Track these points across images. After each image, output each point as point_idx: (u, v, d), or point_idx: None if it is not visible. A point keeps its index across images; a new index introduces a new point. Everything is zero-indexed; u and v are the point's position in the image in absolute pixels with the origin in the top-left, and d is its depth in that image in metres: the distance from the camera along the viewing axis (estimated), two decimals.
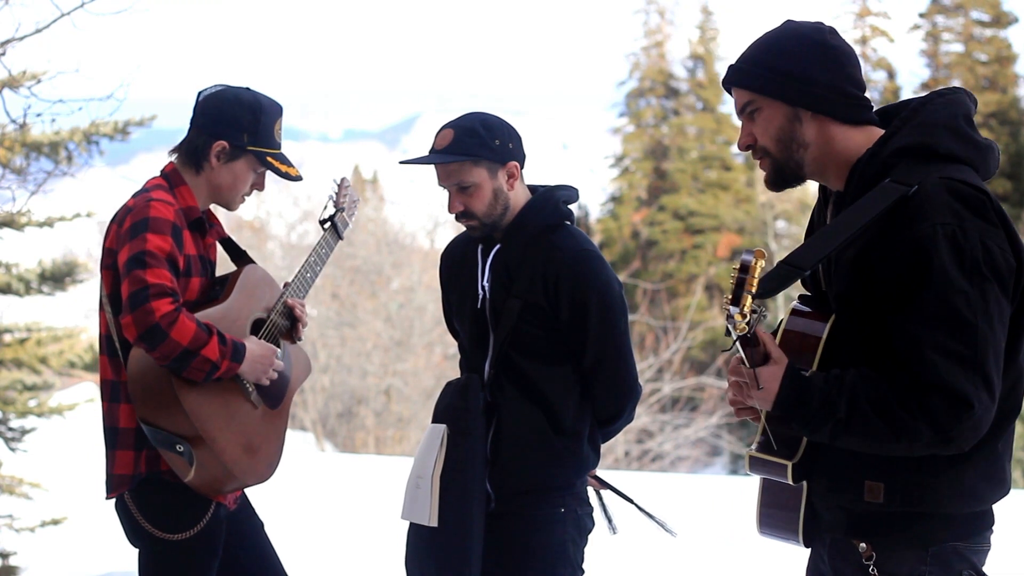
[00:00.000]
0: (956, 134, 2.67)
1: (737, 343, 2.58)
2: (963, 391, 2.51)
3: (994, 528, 2.76)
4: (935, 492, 2.64)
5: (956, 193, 2.57)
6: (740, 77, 2.77)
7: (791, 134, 2.73)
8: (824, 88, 2.71)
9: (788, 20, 2.81)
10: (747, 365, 2.62)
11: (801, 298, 2.88)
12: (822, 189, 2.88)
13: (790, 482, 2.72)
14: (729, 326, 2.53)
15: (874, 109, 2.80)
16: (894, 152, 2.66)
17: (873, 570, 2.69)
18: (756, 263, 2.49)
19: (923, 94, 2.78)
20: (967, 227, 2.54)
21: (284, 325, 3.69)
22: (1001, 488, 2.70)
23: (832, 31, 2.77)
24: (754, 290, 2.49)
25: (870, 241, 2.62)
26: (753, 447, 2.75)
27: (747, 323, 2.51)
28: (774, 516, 2.82)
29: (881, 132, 2.73)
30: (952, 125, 2.68)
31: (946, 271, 2.52)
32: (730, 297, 2.49)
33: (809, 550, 2.91)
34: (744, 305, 2.48)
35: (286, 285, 3.71)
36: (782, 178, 2.78)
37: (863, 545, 2.70)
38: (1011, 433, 2.69)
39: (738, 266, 2.48)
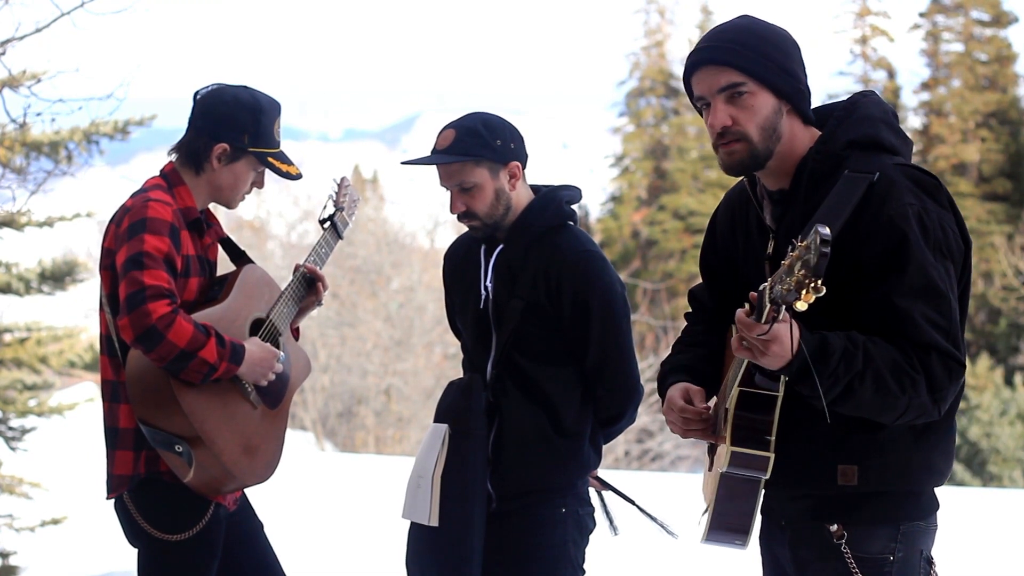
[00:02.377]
0: (892, 129, 2.80)
1: (770, 307, 2.45)
2: (953, 353, 2.63)
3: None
4: (906, 470, 2.73)
5: (913, 178, 2.70)
6: (733, 57, 2.74)
7: (774, 125, 2.77)
8: (804, 86, 2.80)
9: (748, 15, 2.83)
10: (765, 321, 2.50)
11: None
12: (751, 188, 2.89)
13: (766, 476, 2.73)
14: (785, 300, 2.39)
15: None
16: (844, 145, 2.75)
17: (845, 548, 2.74)
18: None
19: (843, 97, 2.90)
20: (928, 208, 2.67)
21: (299, 297, 3.68)
22: (951, 464, 2.81)
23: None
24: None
25: (840, 227, 2.67)
26: (729, 442, 2.73)
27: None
28: (726, 518, 2.80)
29: (818, 132, 2.82)
30: (887, 120, 2.81)
31: (921, 247, 2.64)
32: (805, 272, 2.34)
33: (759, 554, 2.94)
34: (821, 279, 2.36)
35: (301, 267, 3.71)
36: (753, 165, 2.79)
37: (834, 526, 2.75)
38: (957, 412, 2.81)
39: (821, 241, 2.33)
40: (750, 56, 2.73)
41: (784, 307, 2.45)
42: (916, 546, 2.76)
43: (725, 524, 2.81)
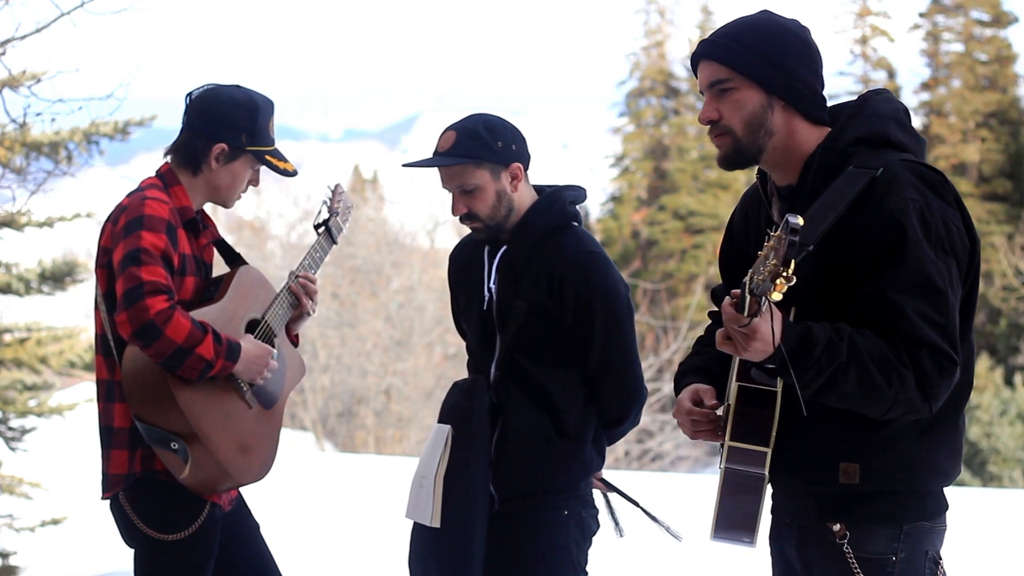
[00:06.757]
0: (901, 126, 2.80)
1: (750, 299, 2.50)
2: (946, 350, 2.61)
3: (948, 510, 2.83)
4: (909, 470, 2.71)
5: (918, 174, 2.69)
6: (721, 52, 2.77)
7: (761, 120, 2.77)
8: (801, 83, 2.78)
9: (766, 10, 2.85)
10: (748, 314, 2.53)
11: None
12: (762, 185, 2.91)
13: (765, 471, 2.72)
14: (761, 291, 2.43)
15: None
16: (851, 141, 2.75)
17: (847, 548, 2.72)
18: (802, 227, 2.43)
19: (855, 96, 2.89)
20: (931, 204, 2.66)
21: (293, 303, 3.68)
22: (959, 465, 2.79)
23: (809, 30, 2.84)
24: (795, 255, 2.42)
25: (840, 220, 2.67)
26: (728, 437, 2.73)
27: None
28: (731, 515, 2.79)
29: (829, 130, 2.81)
30: (897, 118, 2.80)
31: (920, 242, 2.63)
32: (776, 261, 2.39)
33: (768, 553, 2.92)
34: (791, 268, 2.41)
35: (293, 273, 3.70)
36: (740, 159, 2.81)
37: (837, 525, 2.74)
38: (964, 412, 2.79)
39: (790, 230, 2.38)
40: (736, 50, 2.75)
41: (763, 297, 2.46)
42: (920, 547, 2.74)
43: (730, 522, 2.78)
